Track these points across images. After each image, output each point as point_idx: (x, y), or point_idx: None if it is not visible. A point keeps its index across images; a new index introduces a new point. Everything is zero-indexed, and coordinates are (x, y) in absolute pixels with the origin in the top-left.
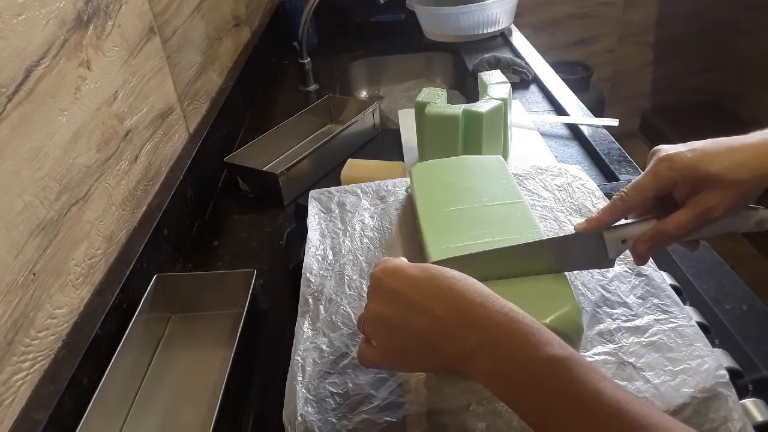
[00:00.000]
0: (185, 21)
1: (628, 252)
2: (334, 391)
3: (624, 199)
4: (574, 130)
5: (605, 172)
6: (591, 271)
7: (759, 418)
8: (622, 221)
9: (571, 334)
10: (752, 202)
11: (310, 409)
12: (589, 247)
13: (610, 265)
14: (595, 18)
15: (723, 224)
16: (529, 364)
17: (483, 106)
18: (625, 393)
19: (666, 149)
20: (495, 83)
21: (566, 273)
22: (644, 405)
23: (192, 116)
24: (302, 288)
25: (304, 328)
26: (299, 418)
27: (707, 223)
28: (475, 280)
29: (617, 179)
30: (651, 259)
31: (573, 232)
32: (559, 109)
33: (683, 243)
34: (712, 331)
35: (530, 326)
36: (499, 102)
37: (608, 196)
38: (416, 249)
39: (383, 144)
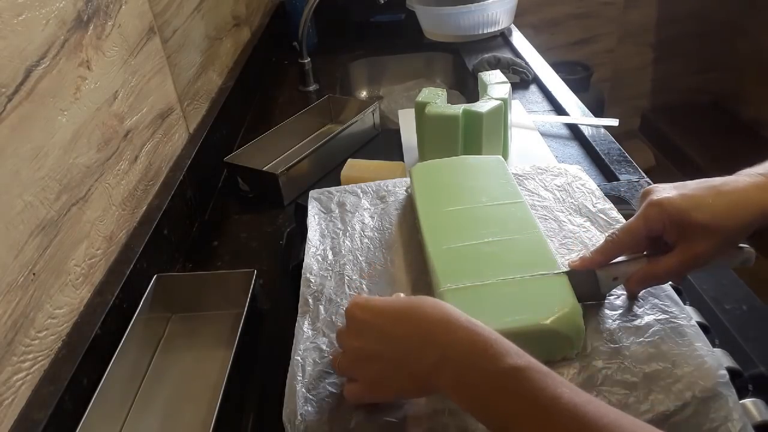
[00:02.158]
0: (185, 21)
1: None
2: (334, 391)
3: (616, 242)
4: (574, 130)
5: (605, 172)
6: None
7: (759, 418)
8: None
9: (571, 334)
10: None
11: (310, 409)
12: (582, 282)
13: (602, 299)
14: (595, 18)
15: (708, 268)
16: (489, 374)
17: (483, 106)
18: (582, 396)
19: (658, 193)
20: (495, 83)
21: (566, 274)
22: (601, 406)
23: (192, 116)
24: (302, 288)
25: (304, 328)
26: (299, 417)
27: (695, 267)
28: (438, 300)
29: (617, 179)
30: None
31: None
32: (559, 109)
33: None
34: (712, 331)
35: (488, 338)
36: (499, 102)
37: (608, 195)
38: (416, 249)
39: (383, 144)
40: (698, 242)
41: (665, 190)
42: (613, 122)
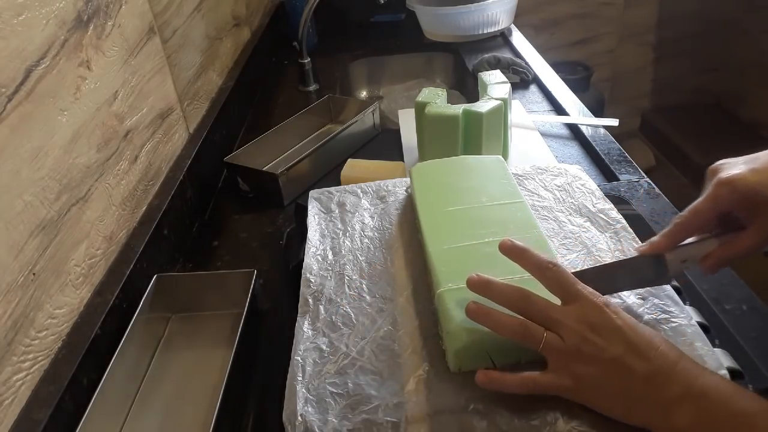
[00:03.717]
0: (185, 21)
1: (628, 252)
2: (335, 391)
3: (684, 224)
4: (574, 130)
5: (605, 172)
6: None
7: None
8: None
9: None
10: None
11: (310, 409)
12: (649, 267)
13: (668, 282)
14: (595, 18)
15: None
16: (739, 415)
17: (483, 106)
18: None
19: (727, 170)
20: (495, 83)
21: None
22: None
23: (192, 116)
24: (302, 288)
25: (304, 328)
26: (299, 418)
27: None
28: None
29: (617, 179)
30: None
31: (631, 255)
32: (559, 109)
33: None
34: (712, 331)
35: (727, 382)
36: (499, 102)
37: (608, 195)
38: (416, 249)
39: (383, 144)
40: None
41: (734, 167)
42: (613, 122)
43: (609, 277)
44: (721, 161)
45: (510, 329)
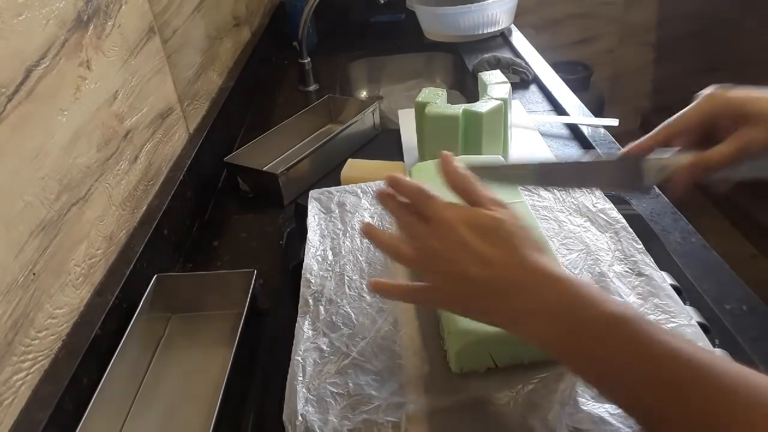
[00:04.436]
0: (185, 21)
1: (628, 252)
2: (335, 391)
3: (669, 126)
4: (574, 130)
5: None
6: (591, 271)
7: None
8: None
9: None
10: None
11: (310, 409)
12: (627, 171)
13: (645, 191)
14: (595, 18)
15: (758, 166)
16: (590, 322)
17: (483, 106)
18: (687, 342)
19: (714, 89)
20: (495, 83)
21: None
22: (704, 350)
23: (192, 116)
24: (302, 288)
25: (304, 328)
26: (300, 417)
27: (746, 156)
28: (542, 238)
29: None
30: (651, 258)
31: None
32: (559, 109)
33: (715, 184)
34: (712, 331)
35: (591, 288)
36: (499, 102)
37: (608, 195)
38: None
39: (383, 144)
40: (752, 130)
41: (724, 87)
42: (613, 122)
43: (581, 171)
44: (711, 87)
45: (385, 245)
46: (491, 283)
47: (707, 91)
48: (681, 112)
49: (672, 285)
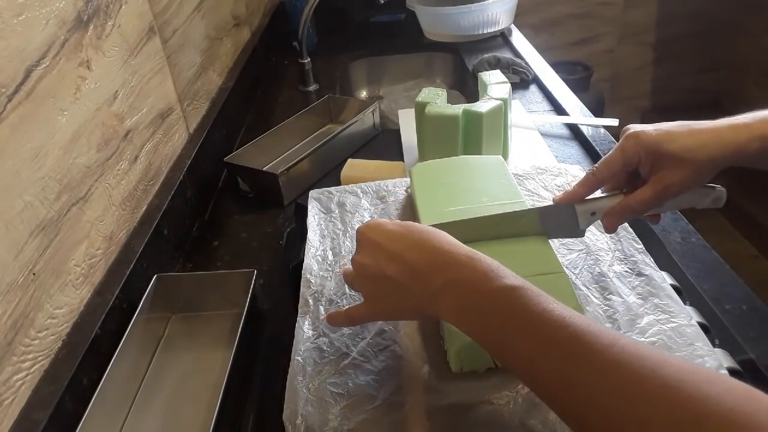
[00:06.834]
0: (185, 21)
1: (628, 252)
2: (335, 391)
3: (595, 174)
4: (574, 130)
5: None
6: (591, 271)
7: None
8: (594, 195)
9: None
10: (709, 182)
11: (311, 409)
12: (563, 217)
13: (581, 234)
14: (595, 18)
15: (682, 200)
16: (487, 295)
17: (483, 106)
18: (569, 311)
19: (634, 128)
20: (495, 83)
21: (568, 275)
22: (586, 319)
23: (192, 116)
24: (302, 289)
25: (305, 328)
26: (300, 417)
27: (666, 198)
28: (445, 233)
29: None
30: (651, 258)
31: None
32: (559, 109)
33: (647, 216)
34: (712, 331)
35: (490, 264)
36: (499, 102)
37: None
38: None
39: (383, 144)
40: (670, 173)
41: (643, 126)
42: (613, 122)
43: (534, 222)
44: (633, 125)
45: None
46: (406, 273)
47: (629, 130)
48: (605, 157)
49: (672, 285)
